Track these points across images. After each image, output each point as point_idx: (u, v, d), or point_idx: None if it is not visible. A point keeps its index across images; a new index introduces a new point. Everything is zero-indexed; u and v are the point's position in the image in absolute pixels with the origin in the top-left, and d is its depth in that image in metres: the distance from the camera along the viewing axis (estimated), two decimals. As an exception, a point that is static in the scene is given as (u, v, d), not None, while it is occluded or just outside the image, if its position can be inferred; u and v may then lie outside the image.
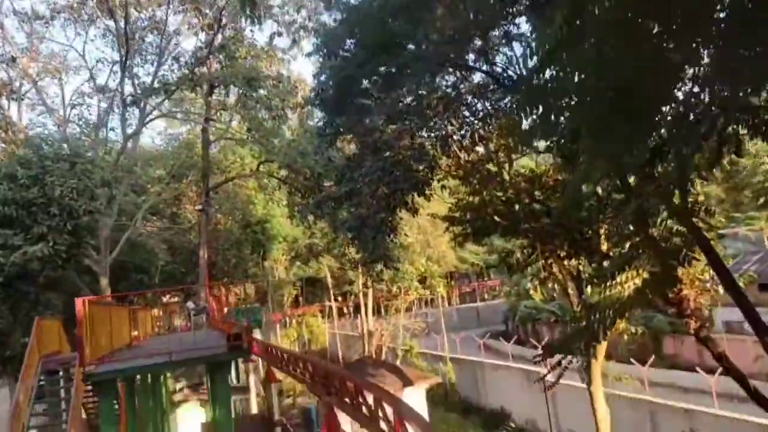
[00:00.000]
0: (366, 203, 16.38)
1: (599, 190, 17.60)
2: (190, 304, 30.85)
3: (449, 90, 15.78)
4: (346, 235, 17.76)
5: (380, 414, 5.89)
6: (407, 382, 24.59)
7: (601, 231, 17.88)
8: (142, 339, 18.21)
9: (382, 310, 48.79)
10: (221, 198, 43.15)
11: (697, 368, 21.94)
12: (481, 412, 29.31)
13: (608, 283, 9.02)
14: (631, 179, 10.67)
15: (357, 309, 48.15)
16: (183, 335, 17.15)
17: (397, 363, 33.36)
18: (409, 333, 39.08)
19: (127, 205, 37.39)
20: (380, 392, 5.81)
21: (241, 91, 28.00)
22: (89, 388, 9.35)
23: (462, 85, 15.88)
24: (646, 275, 9.10)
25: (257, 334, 21.68)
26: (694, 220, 9.13)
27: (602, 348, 19.06)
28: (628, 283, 9.07)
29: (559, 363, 13.49)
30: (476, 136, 17.14)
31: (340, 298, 54.96)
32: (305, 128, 27.40)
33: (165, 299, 40.98)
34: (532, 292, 47.37)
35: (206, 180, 30.91)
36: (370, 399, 6.24)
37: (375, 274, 38.57)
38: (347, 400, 7.41)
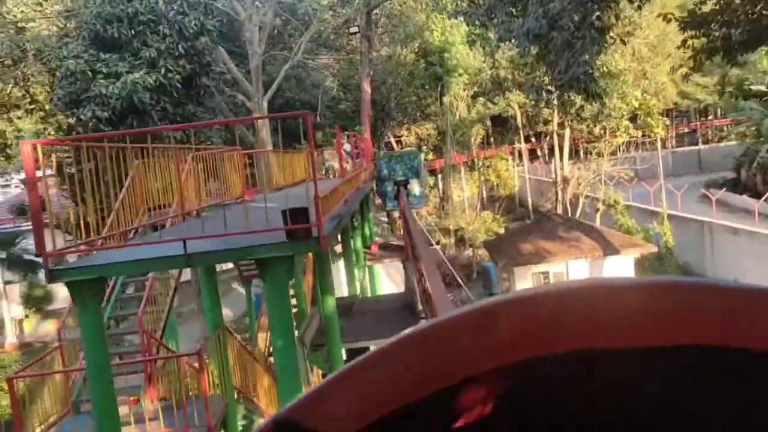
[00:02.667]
0: (559, -7, 10.30)
1: None
2: (347, 147, 27.48)
3: None
4: (527, 49, 11.89)
5: None
6: (610, 250, 19.06)
7: None
8: (267, 190, 14.78)
9: (581, 154, 42.16)
10: (393, 25, 38.02)
11: None
12: (705, 285, 23.02)
13: None
14: None
15: (551, 152, 42.16)
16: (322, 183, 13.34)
17: (597, 219, 27.61)
18: (612, 182, 32.47)
19: (284, 35, 34.03)
20: None
21: None
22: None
23: None
24: None
25: (416, 185, 17.30)
26: None
27: None
28: None
29: None
30: None
31: (532, 139, 48.79)
32: None
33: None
34: (782, 132, 37.20)
35: (367, -3, 25.84)
36: None
37: (574, 112, 31.92)
38: None
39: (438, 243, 35.46)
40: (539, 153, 50.65)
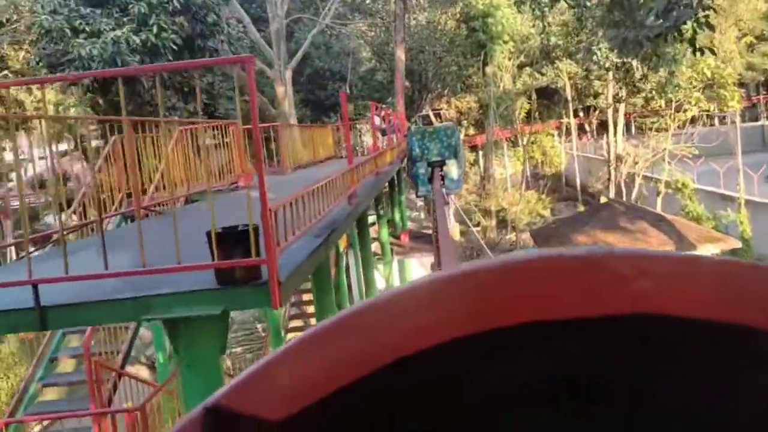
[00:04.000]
0: None
1: None
2: (377, 120, 24.92)
3: None
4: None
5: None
6: (684, 244, 16.12)
7: None
8: (272, 170, 12.62)
9: (632, 130, 38.71)
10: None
11: None
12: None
13: None
14: None
15: (601, 127, 38.79)
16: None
17: (658, 204, 24.54)
18: (674, 161, 29.14)
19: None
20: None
21: None
22: None
23: None
24: None
25: (453, 167, 14.69)
26: None
27: None
28: None
29: None
30: None
31: (580, 114, 45.28)
32: None
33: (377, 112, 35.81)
34: None
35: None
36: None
37: (632, 84, 28.47)
38: None
39: (477, 225, 32.80)
40: (587, 128, 47.20)
